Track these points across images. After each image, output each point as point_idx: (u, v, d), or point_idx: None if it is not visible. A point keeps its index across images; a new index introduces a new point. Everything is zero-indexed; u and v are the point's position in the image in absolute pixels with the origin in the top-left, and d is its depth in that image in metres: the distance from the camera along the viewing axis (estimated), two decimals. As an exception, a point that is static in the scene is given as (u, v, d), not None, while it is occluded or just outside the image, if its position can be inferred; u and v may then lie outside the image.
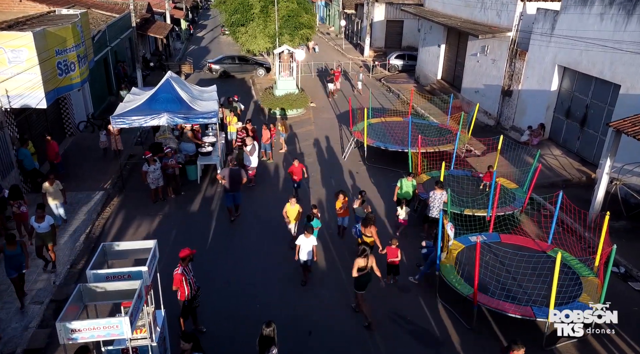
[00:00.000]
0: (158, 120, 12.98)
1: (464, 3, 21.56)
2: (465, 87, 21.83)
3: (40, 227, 9.47)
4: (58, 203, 11.16)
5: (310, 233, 9.29)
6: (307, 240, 9.27)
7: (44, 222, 9.48)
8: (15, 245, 8.46)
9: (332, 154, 16.96)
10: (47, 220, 9.54)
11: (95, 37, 20.74)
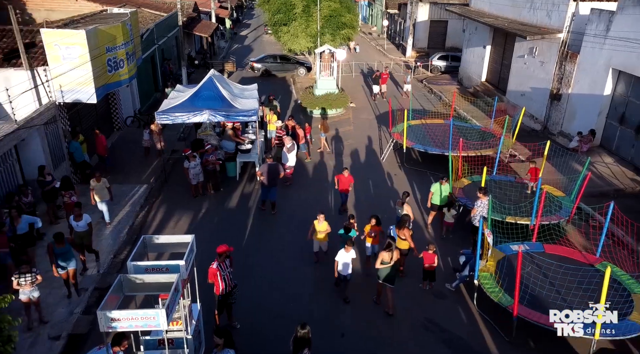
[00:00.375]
0: (200, 117, 13.27)
1: (512, 3, 20.84)
2: (510, 89, 21.12)
3: (79, 226, 9.52)
4: (104, 200, 11.31)
5: (350, 246, 8.85)
6: (347, 254, 8.82)
7: (82, 221, 9.54)
8: (63, 242, 8.62)
9: (371, 155, 16.81)
10: (85, 218, 9.60)
11: (144, 36, 21.44)
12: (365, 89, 26.35)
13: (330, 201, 13.47)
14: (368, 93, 25.44)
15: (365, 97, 24.78)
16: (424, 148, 15.04)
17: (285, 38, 26.47)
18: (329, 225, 10.18)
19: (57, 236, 8.62)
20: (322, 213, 10.02)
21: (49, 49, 12.06)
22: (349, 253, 8.89)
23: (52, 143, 12.38)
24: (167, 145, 16.09)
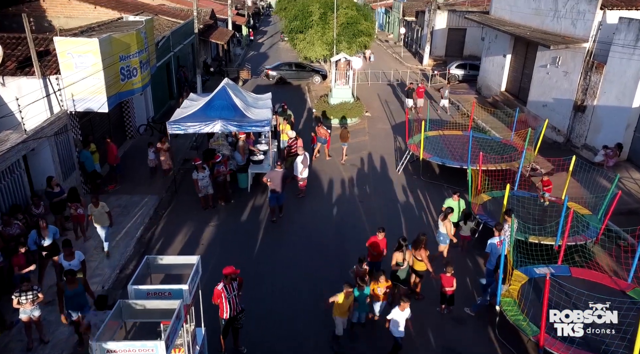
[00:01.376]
0: (212, 127, 13.00)
1: (534, 11, 20.24)
2: (531, 100, 20.46)
3: (71, 265, 8.30)
4: (103, 226, 10.29)
5: (407, 304, 7.57)
6: (403, 313, 7.63)
7: (74, 260, 8.41)
8: (76, 283, 7.57)
9: (386, 167, 16.35)
10: (78, 256, 8.51)
11: (160, 43, 21.40)
12: (380, 98, 25.91)
13: (346, 219, 13.03)
14: (384, 102, 25.00)
15: (381, 106, 24.32)
16: (441, 161, 14.53)
17: (301, 45, 26.25)
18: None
19: (69, 275, 7.48)
20: (350, 287, 7.75)
21: (62, 58, 11.94)
22: (404, 312, 7.63)
23: (63, 153, 12.22)
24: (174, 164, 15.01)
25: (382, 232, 9.29)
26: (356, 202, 13.73)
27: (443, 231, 10.38)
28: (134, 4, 32.14)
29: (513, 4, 22.63)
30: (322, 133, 16.51)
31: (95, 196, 10.32)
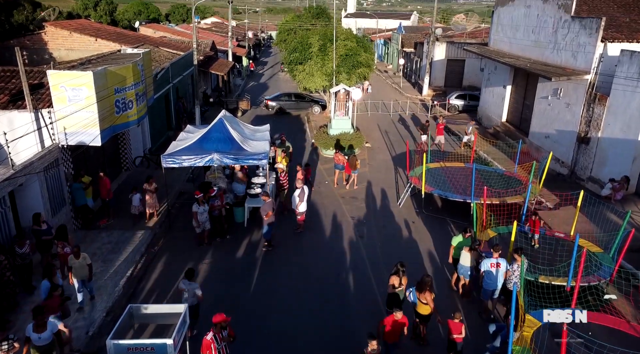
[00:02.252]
0: (208, 160, 12.65)
1: (534, 43, 20.25)
2: (533, 131, 20.22)
3: (41, 338, 7.17)
4: (81, 281, 9.37)
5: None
6: None
7: (45, 332, 7.23)
8: (45, 326, 7.15)
9: (387, 199, 15.91)
10: (50, 327, 7.34)
11: (158, 75, 21.37)
12: (380, 128, 25.73)
13: (346, 257, 12.51)
14: (384, 133, 24.79)
15: (382, 136, 24.09)
16: (444, 194, 14.10)
17: (300, 76, 26.28)
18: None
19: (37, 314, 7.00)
20: None
21: (54, 91, 11.70)
22: None
23: (53, 188, 11.82)
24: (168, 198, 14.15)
25: (399, 311, 7.86)
26: (356, 238, 13.24)
27: (466, 263, 9.86)
28: (134, 37, 32.49)
29: (512, 36, 22.72)
30: (339, 159, 16.69)
31: (77, 247, 9.53)
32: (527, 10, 20.99)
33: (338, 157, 16.85)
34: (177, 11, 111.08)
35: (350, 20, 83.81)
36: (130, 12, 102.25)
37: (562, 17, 17.95)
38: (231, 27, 42.75)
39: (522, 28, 21.58)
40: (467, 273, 10.05)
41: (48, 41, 27.61)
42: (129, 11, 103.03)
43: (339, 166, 16.83)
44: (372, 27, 72.21)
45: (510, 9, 22.97)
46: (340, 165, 16.76)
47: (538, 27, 19.93)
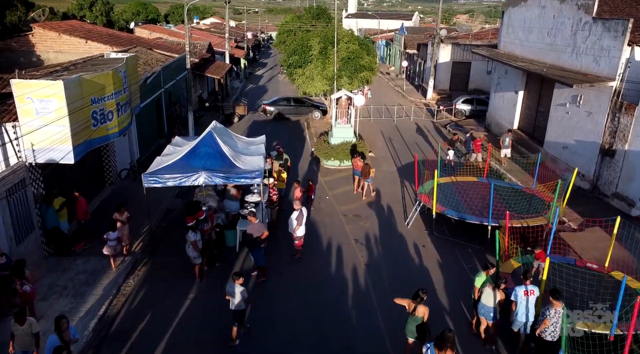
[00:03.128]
0: (195, 179, 11.30)
1: (549, 46, 18.89)
2: (549, 140, 18.85)
3: None
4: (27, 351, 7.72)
5: None
6: None
7: None
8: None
9: (393, 218, 14.55)
10: None
11: (149, 79, 20.05)
12: (384, 135, 24.37)
13: (350, 289, 11.15)
14: (388, 140, 23.44)
15: (385, 145, 22.74)
16: (457, 215, 12.71)
17: (300, 80, 24.94)
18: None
19: None
20: None
21: (20, 102, 10.34)
22: None
23: (18, 212, 10.47)
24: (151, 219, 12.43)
25: None
26: (361, 265, 11.88)
27: (489, 303, 8.51)
28: (127, 39, 31.17)
29: (524, 39, 21.36)
30: (359, 165, 15.94)
31: (23, 311, 7.80)
32: (542, 11, 19.64)
33: (357, 163, 16.06)
34: (176, 11, 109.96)
35: (351, 20, 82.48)
36: (129, 12, 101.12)
37: (582, 18, 16.59)
38: (229, 28, 41.37)
39: (535, 30, 20.22)
40: (489, 314, 8.68)
41: (36, 43, 26.36)
42: (127, 12, 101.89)
43: (358, 172, 16.04)
44: (373, 28, 70.91)
45: (522, 9, 21.61)
46: (359, 171, 15.98)
47: (554, 29, 18.57)
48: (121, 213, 11.50)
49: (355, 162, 16.28)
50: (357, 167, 16.16)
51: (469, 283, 10.68)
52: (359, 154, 16.94)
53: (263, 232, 10.78)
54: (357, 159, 16.23)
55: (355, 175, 16.42)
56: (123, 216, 11.50)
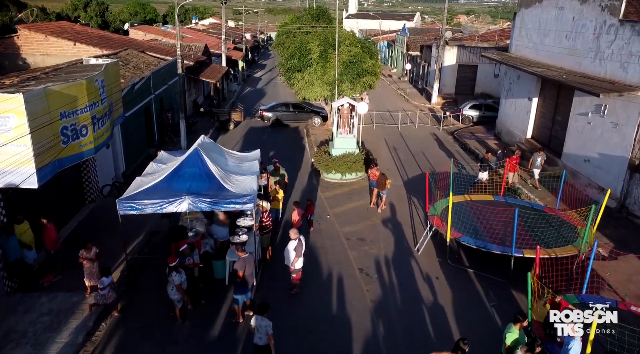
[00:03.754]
0: (177, 205, 9.90)
1: (568, 51, 17.49)
2: (568, 152, 17.44)
3: None
4: None
5: None
6: None
7: None
8: None
9: (401, 243, 13.13)
10: None
11: (136, 85, 18.67)
12: (388, 144, 22.97)
13: (353, 332, 9.73)
14: (393, 150, 22.03)
15: (390, 155, 21.31)
16: (475, 243, 11.28)
17: (299, 86, 23.56)
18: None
19: None
20: None
21: (-27, 119, 8.95)
22: None
23: (-29, 245, 9.06)
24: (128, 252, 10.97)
25: None
26: (366, 301, 10.46)
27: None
28: (119, 41, 29.80)
29: (539, 42, 19.95)
30: (375, 175, 15.04)
31: None
32: (559, 13, 18.24)
33: (374, 173, 15.17)
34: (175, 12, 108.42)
35: (351, 21, 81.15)
36: (126, 13, 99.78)
37: (606, 20, 15.18)
38: (225, 30, 39.98)
39: (552, 33, 18.82)
40: None
41: (21, 45, 25.03)
42: (125, 12, 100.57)
43: (374, 183, 15.17)
44: (374, 29, 69.54)
45: (537, 10, 20.21)
46: (375, 182, 15.10)
47: (574, 33, 17.16)
48: (87, 250, 9.99)
49: (372, 172, 15.29)
50: (373, 178, 15.17)
51: (493, 327, 9.30)
52: (375, 164, 15.94)
53: (239, 272, 9.38)
54: (374, 169, 15.27)
55: (372, 187, 15.45)
56: (91, 253, 10.01)
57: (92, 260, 9.94)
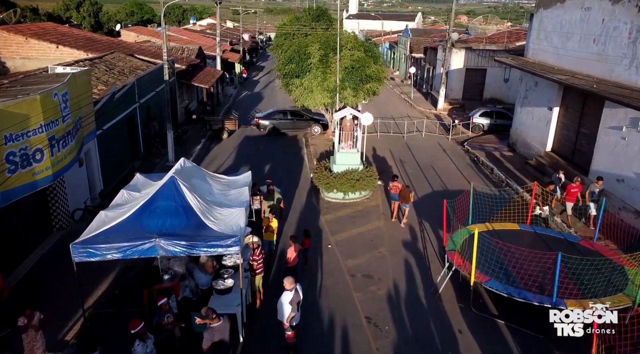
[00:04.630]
0: (146, 250, 8.11)
1: (597, 56, 15.70)
2: (596, 169, 15.63)
3: None
4: None
5: None
6: None
7: None
8: None
9: (415, 282, 11.31)
10: None
11: (117, 94, 16.87)
12: (394, 155, 21.15)
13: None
14: (399, 162, 20.22)
15: (397, 168, 19.47)
16: (506, 291, 9.42)
17: (297, 92, 21.75)
18: None
19: None
20: None
21: None
22: None
23: None
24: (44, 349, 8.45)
25: None
26: (376, 362, 8.66)
27: None
28: (106, 43, 28.05)
29: (560, 46, 18.16)
30: (398, 187, 14.20)
31: None
32: (586, 14, 16.44)
33: (396, 185, 14.34)
34: (173, 12, 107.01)
35: (352, 21, 79.39)
36: (122, 13, 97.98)
37: (645, 23, 13.40)
38: (223, 31, 38.21)
39: (576, 36, 17.02)
40: None
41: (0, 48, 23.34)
42: (122, 12, 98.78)
43: (395, 196, 14.34)
44: (375, 29, 67.80)
45: (557, 11, 18.41)
46: (396, 195, 14.32)
47: (604, 36, 15.36)
48: (29, 317, 8.10)
49: (393, 185, 14.36)
50: (395, 191, 14.24)
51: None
52: (397, 177, 14.84)
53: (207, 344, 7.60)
54: (395, 182, 14.40)
55: (393, 200, 14.55)
56: (34, 321, 8.11)
57: (35, 328, 8.03)
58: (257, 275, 10.03)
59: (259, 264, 9.94)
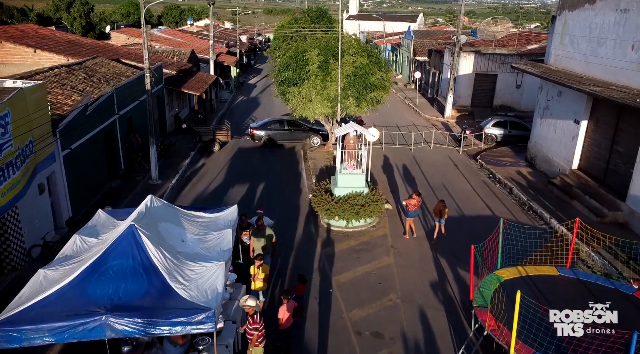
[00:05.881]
0: (89, 332, 6.12)
1: (636, 65, 13.72)
2: (636, 194, 13.66)
3: None
4: None
5: None
6: None
7: None
8: None
9: (434, 344, 9.30)
10: None
11: (90, 106, 14.91)
12: (400, 172, 19.15)
13: None
14: (407, 181, 18.19)
15: (406, 191, 17.41)
16: (557, 369, 7.48)
17: (294, 102, 19.83)
18: None
19: None
20: None
21: None
22: None
23: None
24: None
25: None
26: None
27: None
28: (90, 47, 26.08)
29: (590, 53, 16.18)
30: (413, 204, 13.10)
31: None
32: (621, 17, 14.46)
33: (416, 202, 13.20)
34: (170, 13, 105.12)
35: (352, 22, 77.38)
36: (118, 14, 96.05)
37: (700, 27, 11.42)
38: (219, 32, 36.26)
39: (610, 41, 15.05)
40: None
41: (-28, 53, 21.33)
42: (117, 13, 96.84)
43: (410, 213, 13.31)
44: (376, 30, 65.86)
45: (587, 14, 16.43)
46: (413, 211, 13.30)
47: (645, 42, 13.40)
48: None
49: (411, 201, 13.13)
50: (411, 207, 13.13)
51: None
52: (418, 192, 13.36)
53: None
54: (415, 197, 13.19)
55: (408, 218, 13.43)
56: None
57: None
58: (259, 345, 7.98)
59: (261, 331, 7.88)
